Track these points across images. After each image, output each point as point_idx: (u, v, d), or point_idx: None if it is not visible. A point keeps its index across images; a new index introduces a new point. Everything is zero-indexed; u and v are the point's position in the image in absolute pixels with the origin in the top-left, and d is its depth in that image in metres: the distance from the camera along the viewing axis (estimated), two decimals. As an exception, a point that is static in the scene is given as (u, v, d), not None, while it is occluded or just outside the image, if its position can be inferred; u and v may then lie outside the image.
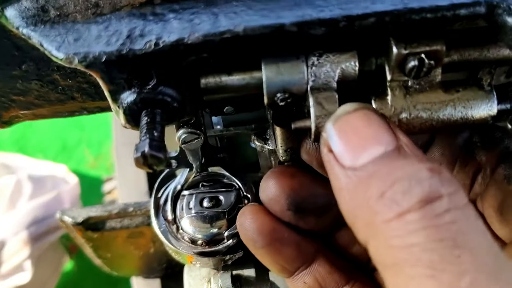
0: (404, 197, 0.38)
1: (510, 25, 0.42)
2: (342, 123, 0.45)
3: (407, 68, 0.47)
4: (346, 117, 0.45)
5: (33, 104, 0.62)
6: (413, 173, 0.39)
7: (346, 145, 0.43)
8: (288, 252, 0.61)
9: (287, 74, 0.48)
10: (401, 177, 0.39)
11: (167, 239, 0.73)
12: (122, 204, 1.02)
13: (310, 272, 0.63)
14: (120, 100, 0.48)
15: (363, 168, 0.41)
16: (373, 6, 0.43)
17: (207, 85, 0.51)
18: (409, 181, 0.39)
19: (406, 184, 0.38)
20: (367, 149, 0.42)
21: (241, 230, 0.62)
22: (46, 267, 2.28)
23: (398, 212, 0.38)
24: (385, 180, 0.39)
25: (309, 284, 0.63)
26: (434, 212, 0.37)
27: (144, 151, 0.43)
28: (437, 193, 0.38)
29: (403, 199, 0.38)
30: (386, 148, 0.42)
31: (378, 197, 0.39)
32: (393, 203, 0.38)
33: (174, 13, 0.45)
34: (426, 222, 0.37)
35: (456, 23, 0.45)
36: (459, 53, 0.49)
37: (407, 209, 0.37)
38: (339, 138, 0.44)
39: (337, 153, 0.44)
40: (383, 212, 0.39)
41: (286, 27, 0.44)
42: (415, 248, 0.36)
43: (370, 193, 0.40)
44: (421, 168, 0.40)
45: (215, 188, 0.77)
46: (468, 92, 0.50)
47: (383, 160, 0.41)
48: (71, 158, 3.13)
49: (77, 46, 0.45)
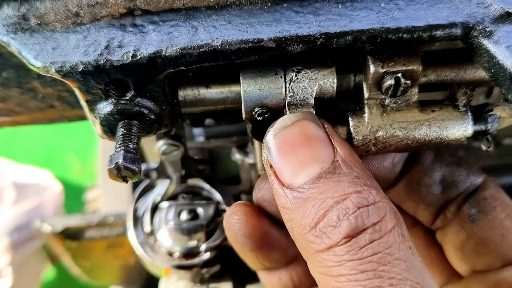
0: (334, 231, 0.41)
1: (485, 47, 0.43)
2: (281, 138, 0.46)
3: (384, 87, 0.47)
4: (285, 132, 0.46)
5: (13, 111, 0.61)
6: (342, 202, 0.42)
7: (285, 164, 0.45)
8: (274, 255, 0.61)
9: (265, 89, 0.48)
10: (331, 207, 0.42)
11: (144, 251, 0.72)
12: (102, 214, 1.01)
13: (287, 270, 0.62)
14: (97, 111, 0.48)
15: (300, 189, 0.44)
16: (351, 24, 0.44)
17: (185, 98, 0.51)
18: (338, 213, 0.41)
19: (335, 218, 0.41)
20: (304, 169, 0.44)
21: (230, 231, 0.60)
22: (27, 274, 2.26)
23: (328, 245, 0.41)
24: (318, 208, 0.42)
25: (284, 281, 0.63)
26: (358, 245, 0.40)
27: (118, 162, 0.43)
28: (362, 226, 0.41)
29: (332, 233, 0.41)
30: (322, 167, 0.44)
31: (312, 227, 0.42)
32: (324, 236, 0.41)
33: (154, 25, 0.45)
34: (351, 255, 0.40)
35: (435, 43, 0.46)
36: (435, 73, 0.49)
37: (335, 243, 0.41)
38: (278, 156, 0.46)
39: (277, 170, 0.46)
40: (316, 243, 0.42)
41: (264, 42, 0.44)
42: (341, 278, 0.40)
43: (305, 222, 0.43)
44: (350, 195, 0.42)
45: (194, 200, 0.76)
46: (444, 112, 0.50)
47: (319, 183, 0.43)
48: (57, 165, 3.11)
49: (54, 55, 0.44)
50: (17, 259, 2.15)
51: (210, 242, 0.70)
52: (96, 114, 0.48)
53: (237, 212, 0.59)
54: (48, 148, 3.21)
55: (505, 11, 0.43)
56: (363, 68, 0.48)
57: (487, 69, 0.43)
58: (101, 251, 1.09)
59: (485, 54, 0.43)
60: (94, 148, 3.07)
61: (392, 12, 0.44)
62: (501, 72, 0.41)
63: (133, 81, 0.46)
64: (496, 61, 0.41)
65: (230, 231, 0.59)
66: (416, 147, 0.50)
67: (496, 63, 0.41)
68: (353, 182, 0.43)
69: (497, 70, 0.42)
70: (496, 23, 0.43)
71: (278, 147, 0.46)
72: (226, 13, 0.45)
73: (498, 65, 0.41)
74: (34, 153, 3.18)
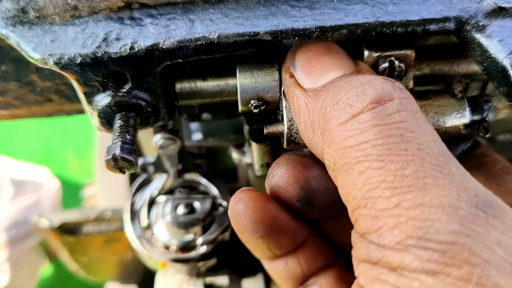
0: (358, 99, 0.39)
1: (478, 41, 0.43)
2: (305, 50, 0.47)
3: (378, 71, 0.47)
4: (309, 45, 0.47)
5: (11, 104, 0.62)
6: (368, 79, 0.41)
7: (308, 70, 0.45)
8: (284, 242, 0.57)
9: (261, 82, 0.49)
10: (356, 85, 0.40)
11: (141, 244, 0.73)
12: (99, 209, 1.02)
13: (295, 255, 0.59)
14: (95, 103, 0.48)
15: (323, 87, 0.44)
16: (346, 18, 0.44)
17: (182, 90, 0.52)
18: (363, 85, 0.40)
19: (360, 89, 0.40)
20: (327, 72, 0.44)
21: (237, 219, 0.55)
22: (24, 271, 2.26)
23: (352, 114, 0.39)
24: (342, 89, 0.41)
25: (290, 266, 0.59)
26: (385, 112, 0.38)
27: (115, 153, 0.43)
28: (389, 96, 0.39)
29: (356, 101, 0.39)
30: (345, 71, 0.44)
31: (334, 104, 0.41)
32: (347, 106, 0.39)
33: (151, 18, 0.46)
34: (377, 120, 0.38)
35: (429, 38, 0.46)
36: (429, 67, 0.50)
37: (360, 110, 0.39)
38: (301, 64, 0.46)
39: (299, 78, 0.46)
40: (338, 117, 0.40)
41: (260, 35, 0.44)
42: (365, 145, 0.38)
43: (327, 103, 0.41)
44: (376, 77, 0.41)
45: (191, 194, 0.77)
46: (440, 98, 0.50)
47: (342, 78, 0.43)
48: (55, 162, 3.11)
49: (53, 47, 0.45)
50: (15, 256, 2.15)
51: (207, 235, 0.71)
52: (94, 106, 0.48)
53: (243, 198, 0.55)
54: (46, 145, 3.21)
55: (497, 5, 0.43)
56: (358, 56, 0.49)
57: (480, 63, 0.44)
58: (98, 246, 1.09)
59: (477, 48, 0.44)
60: (92, 146, 3.07)
61: (387, 6, 0.45)
62: (493, 66, 0.42)
63: (131, 73, 0.46)
64: (488, 54, 0.42)
65: (237, 219, 0.55)
66: None
67: (489, 56, 0.42)
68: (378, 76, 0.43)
69: (489, 63, 0.42)
70: (489, 18, 0.43)
71: (302, 57, 0.46)
72: (223, 6, 0.46)
73: (491, 58, 0.42)
74: (32, 150, 3.17)
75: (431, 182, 0.35)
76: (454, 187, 0.36)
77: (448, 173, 0.36)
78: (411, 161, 0.36)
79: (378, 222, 0.37)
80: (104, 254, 1.13)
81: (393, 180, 0.36)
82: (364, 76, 0.42)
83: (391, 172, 0.36)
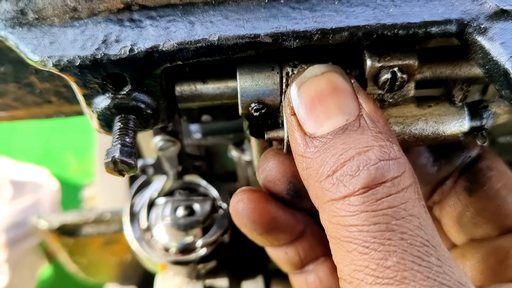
0: (351, 180, 0.41)
1: (480, 44, 0.43)
2: (308, 87, 0.46)
3: (380, 81, 0.47)
4: (313, 81, 0.46)
5: (10, 106, 0.61)
6: (364, 153, 0.41)
7: (310, 112, 0.45)
8: (283, 235, 0.61)
9: (262, 85, 0.49)
10: (353, 157, 0.41)
11: (140, 247, 0.73)
12: (99, 210, 1.01)
13: (294, 245, 0.63)
14: (94, 105, 0.48)
15: (322, 138, 0.43)
16: (347, 20, 0.44)
17: (182, 93, 0.51)
18: (358, 163, 0.41)
19: (354, 167, 0.41)
20: (330, 118, 0.44)
21: (237, 217, 0.59)
22: (24, 272, 2.25)
23: (344, 194, 0.41)
24: (338, 157, 0.42)
25: (290, 255, 0.63)
26: (374, 197, 0.40)
27: (115, 156, 0.43)
28: (381, 179, 0.40)
29: (349, 182, 0.41)
30: (348, 119, 0.43)
31: (329, 175, 0.42)
32: (340, 184, 0.41)
33: (151, 20, 0.46)
34: (366, 206, 0.40)
35: (430, 40, 0.46)
36: (431, 70, 0.50)
37: (351, 192, 0.40)
38: (303, 103, 0.45)
39: (300, 118, 0.45)
40: (332, 192, 0.42)
41: (261, 38, 0.44)
42: (353, 228, 0.40)
43: (323, 170, 0.42)
44: (373, 148, 0.41)
45: (191, 196, 0.77)
46: (440, 107, 0.50)
47: (342, 133, 0.43)
48: (54, 162, 3.11)
49: (52, 49, 0.45)
50: (14, 257, 2.14)
51: (206, 238, 0.71)
52: (93, 109, 0.48)
53: (243, 199, 0.58)
54: (45, 146, 3.21)
55: (499, 8, 0.43)
56: (359, 63, 0.49)
57: (482, 66, 0.43)
58: (97, 247, 1.09)
59: (479, 50, 0.43)
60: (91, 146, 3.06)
61: (388, 9, 0.45)
62: (495, 69, 0.42)
63: (130, 75, 0.46)
64: (490, 57, 0.42)
65: (238, 217, 0.59)
66: (413, 143, 0.51)
67: (491, 59, 0.42)
68: (376, 136, 0.42)
69: (491, 66, 0.42)
70: (491, 20, 0.43)
71: (306, 96, 0.45)
72: (223, 8, 0.46)
73: (492, 61, 0.42)
74: (31, 150, 3.17)
75: (409, 277, 0.38)
76: (430, 283, 0.38)
77: (427, 266, 0.38)
78: (393, 251, 0.38)
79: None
80: (103, 255, 1.12)
81: (375, 269, 0.38)
82: (362, 137, 0.42)
83: (374, 261, 0.39)
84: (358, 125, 0.43)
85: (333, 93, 0.45)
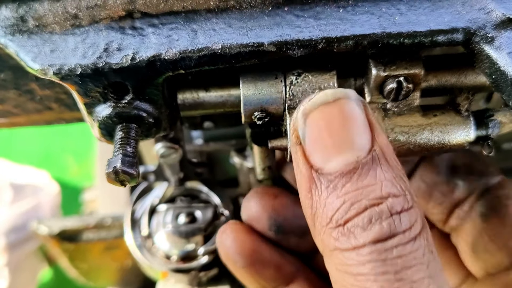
0: (363, 233, 0.39)
1: (487, 53, 0.42)
2: (318, 115, 0.41)
3: (385, 90, 0.47)
4: (324, 108, 0.41)
5: (10, 112, 0.61)
6: (377, 206, 0.39)
7: (318, 145, 0.41)
8: (268, 273, 0.60)
9: (265, 93, 0.48)
10: (366, 208, 0.39)
11: (141, 254, 0.72)
12: (99, 216, 1.01)
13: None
14: (95, 114, 0.47)
15: (330, 176, 0.40)
16: (352, 29, 0.43)
17: (184, 101, 0.51)
18: (370, 216, 0.39)
19: (366, 219, 0.39)
20: (340, 154, 0.40)
21: (221, 249, 0.61)
22: (23, 275, 2.25)
23: (353, 246, 0.39)
24: (351, 207, 0.39)
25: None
26: (384, 248, 0.38)
27: (116, 166, 0.42)
28: (392, 233, 0.39)
29: (360, 235, 0.39)
30: (358, 156, 0.40)
31: (340, 224, 0.40)
32: (351, 236, 0.39)
33: (153, 28, 0.45)
34: (375, 255, 0.38)
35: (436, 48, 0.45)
36: (436, 78, 0.49)
37: (361, 244, 0.39)
38: (311, 133, 0.41)
39: (307, 149, 0.41)
40: (340, 241, 0.40)
41: (265, 46, 0.43)
42: (361, 277, 0.39)
43: (333, 217, 0.40)
44: (386, 200, 0.39)
45: (193, 203, 0.76)
46: (445, 117, 0.50)
47: (354, 176, 0.39)
48: (54, 165, 3.10)
49: (53, 57, 0.44)
50: (14, 260, 2.14)
51: (208, 245, 0.70)
52: (94, 117, 0.48)
53: (227, 230, 0.60)
54: (45, 149, 3.21)
55: (506, 17, 0.43)
56: (364, 71, 0.48)
57: (488, 75, 0.43)
58: (98, 253, 1.08)
59: (486, 60, 0.43)
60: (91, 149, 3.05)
61: (394, 17, 0.44)
62: (502, 79, 0.41)
63: (132, 84, 0.45)
64: (497, 67, 0.41)
65: (222, 248, 0.60)
66: (418, 152, 0.50)
67: (497, 69, 0.41)
68: (390, 182, 0.39)
69: (498, 76, 0.41)
70: (498, 29, 0.43)
71: (314, 125, 0.41)
72: (227, 16, 0.45)
73: (499, 71, 0.41)
74: (32, 153, 3.17)
75: None
76: None
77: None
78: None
79: None
80: (104, 261, 1.12)
81: None
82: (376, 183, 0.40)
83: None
84: (371, 164, 0.40)
85: (345, 124, 0.40)
